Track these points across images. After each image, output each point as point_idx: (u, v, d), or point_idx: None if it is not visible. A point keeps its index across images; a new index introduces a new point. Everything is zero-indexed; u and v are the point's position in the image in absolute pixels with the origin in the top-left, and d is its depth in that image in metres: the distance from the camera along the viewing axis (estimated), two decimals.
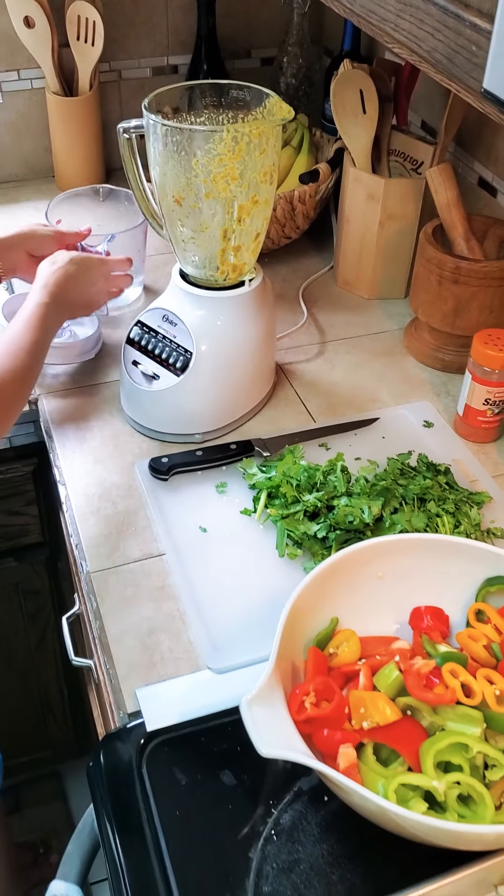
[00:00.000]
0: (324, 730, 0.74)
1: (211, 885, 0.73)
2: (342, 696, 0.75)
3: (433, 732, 0.75)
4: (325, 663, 0.79)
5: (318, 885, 0.73)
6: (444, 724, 0.75)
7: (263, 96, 1.02)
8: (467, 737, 0.73)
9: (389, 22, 0.80)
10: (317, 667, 0.78)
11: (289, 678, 0.78)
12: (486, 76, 0.56)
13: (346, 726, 0.75)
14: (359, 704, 0.75)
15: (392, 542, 0.87)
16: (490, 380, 1.09)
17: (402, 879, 0.71)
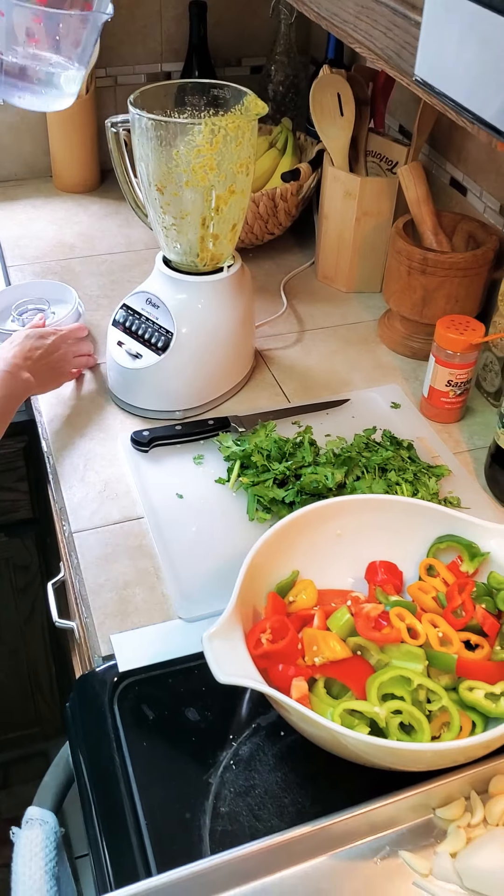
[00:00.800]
0: (279, 665, 0.80)
1: (173, 806, 0.80)
2: (295, 633, 0.82)
3: (380, 669, 0.81)
4: (283, 607, 0.86)
5: (271, 807, 0.80)
6: (389, 662, 0.82)
7: (241, 94, 1.10)
8: (409, 671, 0.79)
9: (350, 23, 0.88)
10: (275, 609, 0.85)
11: (250, 621, 0.84)
12: (416, 64, 0.63)
13: (299, 662, 0.81)
14: (312, 642, 0.82)
15: (350, 502, 0.94)
16: (452, 362, 1.16)
17: (348, 802, 0.78)
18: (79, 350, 1.25)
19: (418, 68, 0.63)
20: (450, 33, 0.58)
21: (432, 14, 0.60)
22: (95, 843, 0.78)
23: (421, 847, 0.77)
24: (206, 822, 0.78)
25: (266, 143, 1.63)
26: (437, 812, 0.79)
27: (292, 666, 0.81)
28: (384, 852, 0.76)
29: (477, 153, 1.35)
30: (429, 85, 0.62)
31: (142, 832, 0.77)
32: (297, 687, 0.79)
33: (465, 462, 1.17)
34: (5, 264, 1.54)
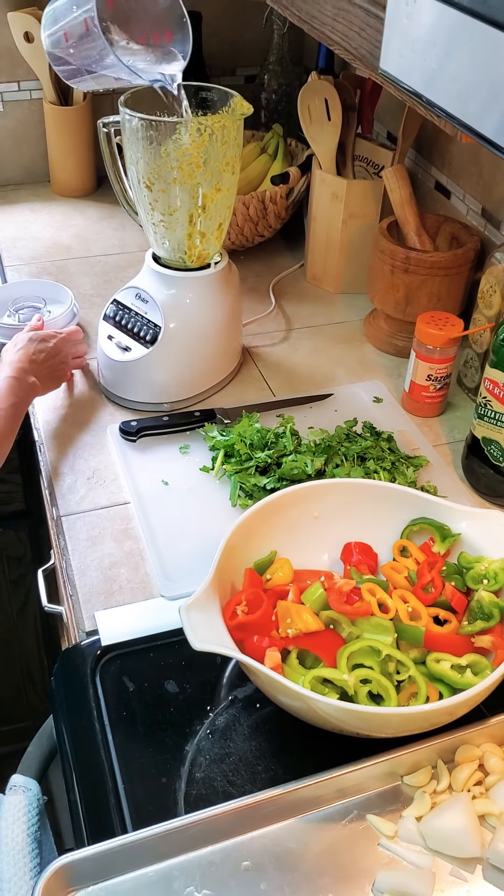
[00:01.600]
0: (254, 636, 0.84)
1: (150, 772, 0.83)
2: (270, 606, 0.85)
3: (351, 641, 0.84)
4: (260, 582, 0.89)
5: (245, 774, 0.83)
6: (360, 635, 0.85)
7: (228, 96, 1.14)
8: (379, 642, 0.82)
9: (328, 25, 0.92)
10: (252, 584, 0.88)
11: (227, 596, 0.87)
12: (380, 58, 0.67)
13: (273, 634, 0.85)
14: (286, 614, 0.85)
15: (327, 485, 0.97)
16: (432, 357, 1.20)
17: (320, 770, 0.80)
18: (76, 352, 1.28)
19: (382, 62, 0.67)
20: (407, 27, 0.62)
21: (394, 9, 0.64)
22: (75, 805, 0.81)
23: (388, 811, 0.79)
24: (182, 787, 0.81)
25: (258, 149, 1.67)
26: (404, 779, 0.82)
27: (266, 637, 0.84)
28: (352, 815, 0.79)
29: (460, 158, 1.39)
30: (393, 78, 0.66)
31: (119, 795, 0.80)
32: (270, 657, 0.82)
33: (443, 454, 1.20)
34: (2, 264, 1.58)
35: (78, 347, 1.28)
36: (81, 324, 1.41)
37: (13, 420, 1.08)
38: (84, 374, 1.31)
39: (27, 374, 1.13)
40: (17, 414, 1.09)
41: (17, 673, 1.74)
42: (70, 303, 1.39)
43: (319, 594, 0.87)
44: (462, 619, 0.88)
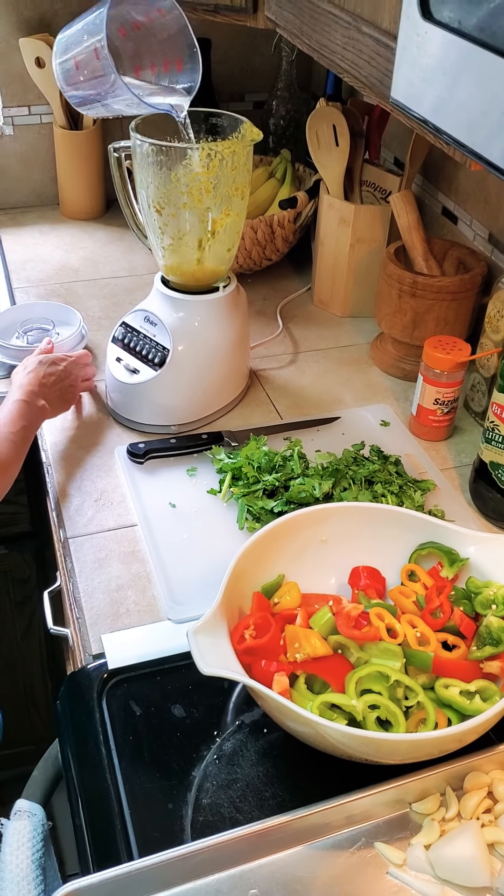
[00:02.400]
0: (261, 661, 0.83)
1: (156, 798, 0.82)
2: (278, 630, 0.85)
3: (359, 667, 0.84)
4: (268, 606, 0.89)
5: (252, 800, 0.82)
6: (369, 660, 0.84)
7: (238, 122, 1.15)
8: (387, 667, 0.82)
9: (337, 54, 0.93)
10: (259, 608, 0.88)
11: (235, 620, 0.87)
12: (392, 87, 0.68)
13: (281, 658, 0.84)
14: (294, 639, 0.84)
15: (335, 509, 0.97)
16: (439, 381, 1.20)
17: (327, 797, 0.80)
18: (85, 374, 1.28)
19: (394, 91, 0.68)
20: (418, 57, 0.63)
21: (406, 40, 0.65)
22: (81, 831, 0.80)
23: (396, 839, 0.79)
24: (188, 813, 0.81)
25: (266, 174, 1.68)
26: (412, 806, 0.81)
27: (274, 661, 0.83)
28: (360, 843, 0.78)
29: (467, 183, 1.40)
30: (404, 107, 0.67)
31: (125, 821, 0.80)
32: (278, 681, 0.81)
33: (451, 478, 1.20)
34: (11, 285, 1.59)
35: (86, 370, 1.28)
36: (90, 346, 1.41)
37: (22, 444, 1.08)
38: (92, 396, 1.31)
39: (37, 397, 1.13)
40: (27, 437, 1.09)
41: (20, 696, 1.73)
42: (78, 325, 1.39)
43: (328, 619, 0.86)
44: (471, 644, 0.87)
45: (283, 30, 1.09)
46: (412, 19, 0.63)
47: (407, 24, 0.64)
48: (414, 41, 0.63)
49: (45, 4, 1.67)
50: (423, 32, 0.62)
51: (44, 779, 0.93)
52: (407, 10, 0.63)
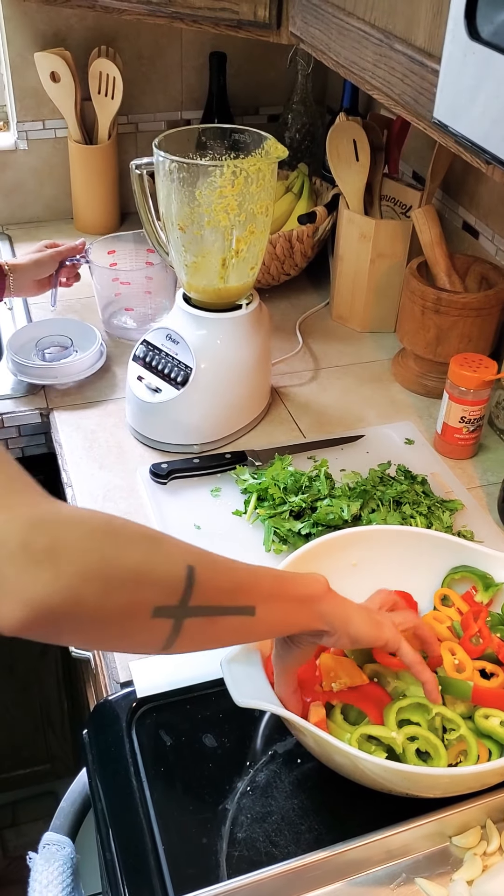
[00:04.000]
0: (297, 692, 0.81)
1: (190, 832, 0.80)
2: (313, 659, 0.83)
3: (396, 696, 0.82)
4: None
5: (288, 834, 0.80)
6: (406, 689, 0.83)
7: (262, 139, 1.14)
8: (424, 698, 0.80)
9: (368, 71, 0.92)
10: None
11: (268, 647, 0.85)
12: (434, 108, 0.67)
13: (316, 688, 0.82)
14: (329, 668, 0.83)
15: (365, 533, 0.95)
16: (465, 399, 1.19)
17: (365, 830, 0.78)
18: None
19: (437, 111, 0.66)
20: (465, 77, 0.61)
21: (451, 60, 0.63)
22: (112, 867, 0.78)
23: (437, 874, 0.77)
24: (223, 848, 0.79)
25: (283, 188, 1.67)
26: (453, 840, 0.79)
27: (310, 691, 0.81)
28: (400, 879, 0.76)
29: (489, 198, 1.39)
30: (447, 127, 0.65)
31: (159, 857, 0.78)
32: (314, 712, 0.80)
33: (478, 497, 1.18)
34: (27, 302, 1.58)
35: None
36: (109, 364, 1.40)
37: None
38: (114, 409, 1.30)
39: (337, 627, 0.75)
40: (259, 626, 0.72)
41: (37, 715, 1.71)
42: (97, 342, 1.38)
43: None
44: None
45: (307, 46, 1.08)
46: (458, 39, 0.61)
47: (452, 44, 0.62)
48: (460, 61, 0.62)
49: (61, 19, 1.66)
50: (470, 52, 0.60)
51: (72, 810, 0.91)
52: (453, 29, 0.62)
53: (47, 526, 0.55)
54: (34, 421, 1.32)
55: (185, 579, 0.62)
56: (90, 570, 0.55)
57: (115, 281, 1.46)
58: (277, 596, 0.71)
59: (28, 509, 0.55)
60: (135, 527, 0.62)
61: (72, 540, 0.55)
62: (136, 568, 0.59)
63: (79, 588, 0.55)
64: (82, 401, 1.33)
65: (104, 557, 0.57)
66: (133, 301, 1.48)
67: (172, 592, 0.61)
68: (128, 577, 0.58)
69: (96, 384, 1.36)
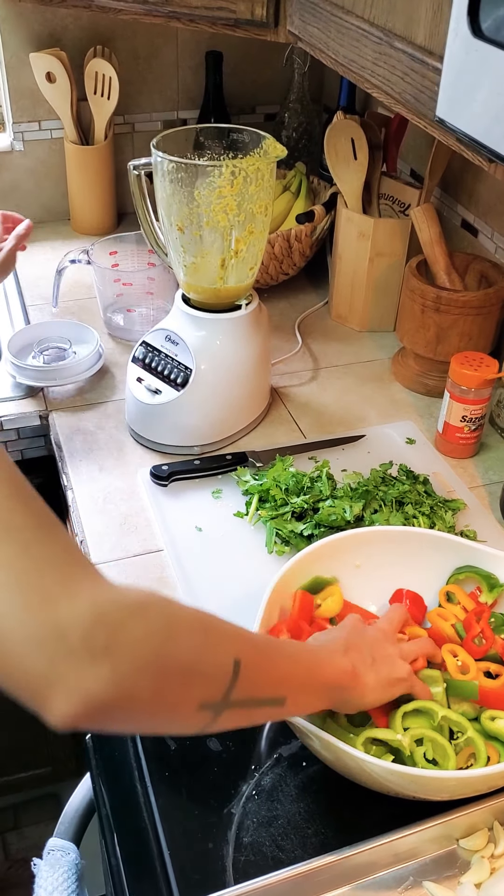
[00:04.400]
0: None
1: (196, 836, 0.80)
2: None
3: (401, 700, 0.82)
4: (311, 606, 0.87)
5: (294, 838, 0.80)
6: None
7: (260, 138, 1.13)
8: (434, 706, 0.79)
9: (367, 69, 0.91)
10: (303, 608, 0.86)
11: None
12: (437, 106, 0.66)
13: None
14: None
15: (368, 534, 0.95)
16: (466, 398, 1.18)
17: (371, 833, 0.77)
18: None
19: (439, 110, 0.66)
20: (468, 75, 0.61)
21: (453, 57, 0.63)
22: (118, 873, 0.78)
23: (445, 877, 0.76)
24: (230, 853, 0.78)
25: (280, 187, 1.66)
26: (460, 843, 0.79)
27: None
28: (408, 883, 0.76)
29: (488, 195, 1.38)
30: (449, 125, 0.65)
31: (165, 862, 0.77)
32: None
33: (480, 496, 1.18)
34: (25, 304, 1.57)
35: None
36: (108, 365, 1.39)
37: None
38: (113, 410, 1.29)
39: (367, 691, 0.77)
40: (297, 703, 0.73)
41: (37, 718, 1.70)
42: (96, 343, 1.37)
43: None
44: None
45: (306, 44, 1.07)
46: (461, 36, 0.61)
47: (455, 42, 0.62)
48: (462, 59, 0.61)
49: (56, 19, 1.65)
50: (473, 50, 0.60)
51: (76, 816, 0.90)
52: (455, 27, 0.62)
53: (109, 619, 0.53)
54: (33, 423, 1.31)
55: (231, 674, 0.62)
56: (146, 665, 0.55)
57: (116, 282, 1.45)
58: (308, 686, 0.73)
59: (89, 599, 0.53)
60: (188, 613, 0.61)
61: (131, 634, 0.54)
62: (189, 663, 0.59)
63: (133, 684, 0.54)
64: (82, 402, 1.32)
65: (160, 653, 0.56)
66: (135, 302, 1.47)
67: (218, 688, 0.61)
68: (180, 672, 0.58)
69: (96, 386, 1.35)
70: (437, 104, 0.72)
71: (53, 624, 0.51)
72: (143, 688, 0.55)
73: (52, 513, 0.57)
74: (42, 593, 0.52)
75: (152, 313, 1.46)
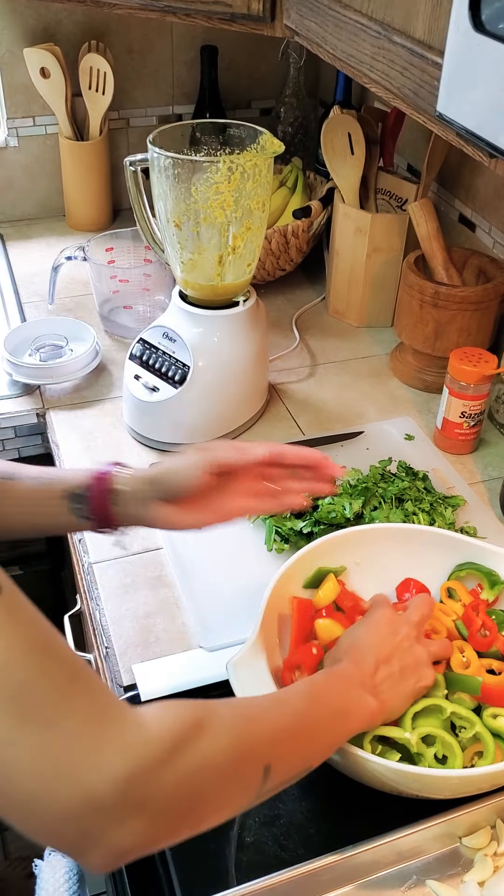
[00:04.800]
0: None
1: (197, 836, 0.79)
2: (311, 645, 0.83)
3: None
4: (310, 611, 0.87)
5: (297, 837, 0.79)
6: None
7: (257, 133, 1.13)
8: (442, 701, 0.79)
9: (366, 64, 0.91)
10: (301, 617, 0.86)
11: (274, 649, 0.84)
12: (438, 102, 0.65)
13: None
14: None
15: (368, 531, 0.95)
16: (466, 394, 1.18)
17: (374, 831, 0.77)
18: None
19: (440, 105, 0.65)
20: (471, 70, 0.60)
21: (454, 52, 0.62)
22: (119, 874, 0.77)
23: (448, 876, 0.76)
24: (232, 853, 0.78)
25: (276, 182, 1.66)
26: (463, 841, 0.78)
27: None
28: (411, 881, 0.76)
29: (485, 190, 1.38)
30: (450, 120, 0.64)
31: (167, 863, 0.77)
32: None
33: (479, 493, 1.18)
34: (21, 301, 1.56)
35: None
36: (105, 363, 1.39)
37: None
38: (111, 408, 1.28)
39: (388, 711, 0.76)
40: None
41: None
42: (92, 341, 1.37)
43: None
44: None
45: (303, 39, 1.07)
46: (462, 30, 0.60)
47: (456, 36, 0.61)
48: (464, 53, 0.61)
49: (50, 14, 1.64)
50: (475, 44, 0.59)
51: None
52: (456, 20, 0.61)
53: (140, 775, 0.53)
54: (30, 421, 1.30)
55: (261, 780, 0.62)
56: (182, 809, 0.56)
57: (113, 278, 1.44)
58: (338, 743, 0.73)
59: (120, 758, 0.52)
60: (219, 736, 0.59)
61: (165, 785, 0.54)
62: (221, 790, 0.59)
63: (170, 826, 0.56)
64: (79, 400, 1.32)
65: (194, 794, 0.57)
66: (131, 299, 1.47)
67: (249, 795, 0.63)
68: (212, 801, 0.59)
69: (93, 383, 1.35)
70: (437, 99, 0.72)
71: (85, 796, 0.51)
72: (179, 825, 0.57)
73: (73, 655, 0.55)
74: (71, 767, 0.51)
75: (149, 310, 1.46)
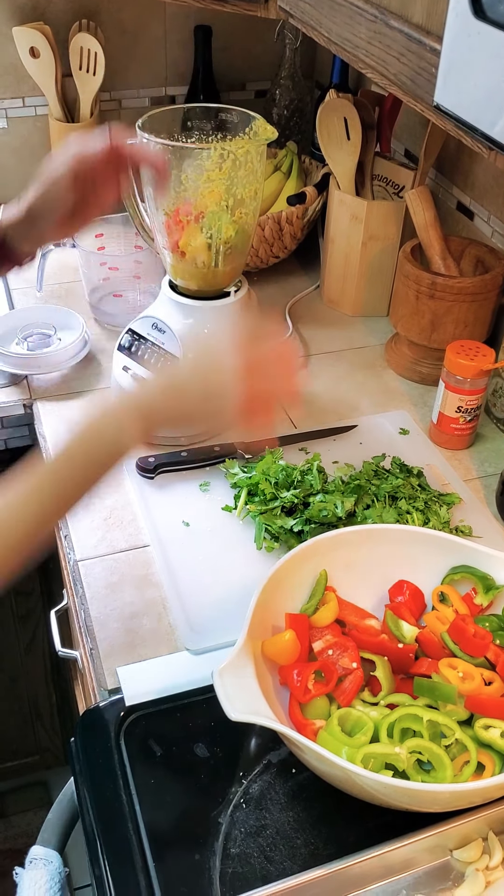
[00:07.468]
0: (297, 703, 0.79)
1: (182, 847, 0.77)
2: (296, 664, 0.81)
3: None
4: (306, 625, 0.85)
5: (284, 849, 0.77)
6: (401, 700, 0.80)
7: (250, 119, 1.09)
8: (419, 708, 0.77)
9: (361, 49, 0.87)
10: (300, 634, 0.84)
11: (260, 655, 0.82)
12: (436, 92, 0.62)
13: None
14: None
15: (360, 532, 0.92)
16: (462, 388, 1.15)
17: (363, 844, 0.75)
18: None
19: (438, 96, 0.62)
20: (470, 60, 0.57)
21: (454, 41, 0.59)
22: (102, 884, 0.75)
23: (438, 891, 0.74)
24: (217, 864, 0.76)
25: (271, 167, 1.62)
26: (454, 854, 0.76)
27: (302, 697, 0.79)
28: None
29: (484, 178, 1.34)
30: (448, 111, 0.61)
31: (150, 874, 0.75)
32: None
33: (475, 489, 1.15)
34: (9, 288, 1.53)
35: None
36: (94, 352, 1.36)
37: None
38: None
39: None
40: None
41: (25, 708, 1.69)
42: (81, 329, 1.33)
43: None
44: None
45: (297, 21, 1.03)
46: (462, 18, 0.57)
47: (455, 23, 0.58)
48: (463, 42, 0.58)
49: None
50: (475, 33, 0.56)
51: (59, 822, 0.88)
52: (455, 7, 0.58)
53: None
54: (17, 412, 1.28)
55: None
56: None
57: (102, 265, 1.41)
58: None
59: None
60: None
61: None
62: None
63: None
64: (67, 391, 1.29)
65: None
66: (121, 286, 1.43)
67: None
68: None
69: (81, 374, 1.32)
70: (434, 87, 0.68)
71: None
72: None
73: None
74: None
75: (140, 298, 1.42)
